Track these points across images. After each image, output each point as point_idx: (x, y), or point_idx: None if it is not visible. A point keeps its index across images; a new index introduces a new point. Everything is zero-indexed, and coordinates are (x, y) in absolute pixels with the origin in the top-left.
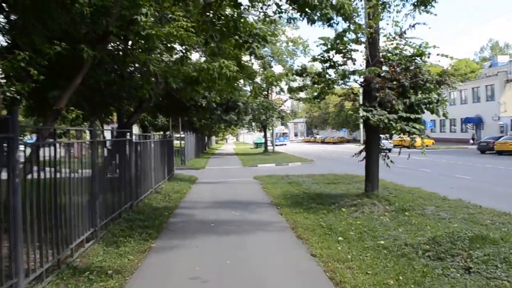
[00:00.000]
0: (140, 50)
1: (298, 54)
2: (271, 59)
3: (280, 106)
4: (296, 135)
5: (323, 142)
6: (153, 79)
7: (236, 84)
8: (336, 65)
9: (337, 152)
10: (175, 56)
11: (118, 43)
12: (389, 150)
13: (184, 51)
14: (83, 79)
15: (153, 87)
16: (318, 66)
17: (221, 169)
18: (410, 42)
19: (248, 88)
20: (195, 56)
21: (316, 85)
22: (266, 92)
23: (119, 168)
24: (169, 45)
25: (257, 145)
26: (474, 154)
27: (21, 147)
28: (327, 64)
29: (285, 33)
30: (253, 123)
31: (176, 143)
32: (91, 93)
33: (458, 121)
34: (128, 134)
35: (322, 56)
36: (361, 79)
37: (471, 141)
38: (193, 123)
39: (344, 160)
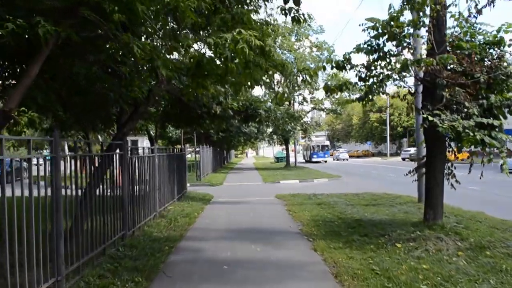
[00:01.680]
0: (121, 26)
1: (322, 60)
2: (294, 65)
3: (303, 118)
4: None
5: None
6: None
7: (259, 75)
8: (388, 55)
9: (365, 167)
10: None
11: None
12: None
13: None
14: (55, 72)
15: (152, 87)
16: (357, 61)
17: (239, 185)
18: (479, 29)
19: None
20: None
21: (362, 82)
22: (288, 102)
23: (106, 190)
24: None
25: (277, 159)
26: None
27: None
28: (375, 56)
29: (309, 37)
30: (275, 136)
31: (194, 157)
32: (69, 92)
33: None
34: (119, 147)
35: (369, 44)
36: (421, 73)
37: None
38: (210, 136)
39: (374, 175)
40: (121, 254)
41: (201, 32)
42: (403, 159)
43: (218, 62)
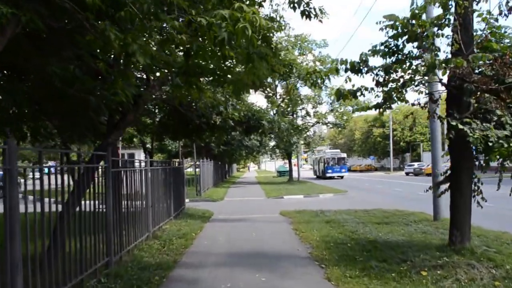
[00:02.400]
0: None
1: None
2: (297, 79)
3: (308, 130)
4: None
5: (349, 170)
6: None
7: (264, 72)
8: (408, 58)
9: (369, 181)
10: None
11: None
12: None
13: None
14: (25, 72)
15: (141, 92)
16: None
17: (241, 201)
18: (504, 31)
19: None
20: None
21: (380, 87)
22: (291, 116)
23: (84, 208)
24: None
25: (280, 173)
26: None
27: None
28: (393, 58)
29: (312, 51)
30: (277, 150)
31: (192, 171)
32: (43, 96)
33: None
34: (103, 159)
35: (386, 45)
36: (444, 78)
37: None
38: (211, 150)
39: (380, 190)
40: (103, 286)
41: (192, 11)
42: (407, 173)
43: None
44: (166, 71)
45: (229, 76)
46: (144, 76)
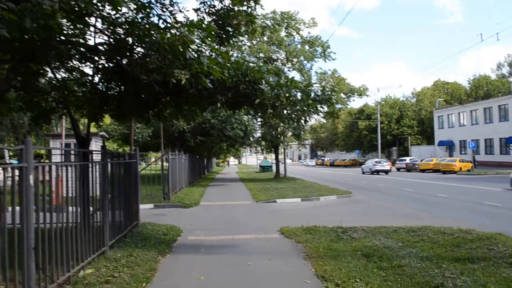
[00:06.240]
0: None
1: (317, 56)
2: (287, 63)
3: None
4: (300, 158)
5: (332, 165)
6: None
7: None
8: None
9: (366, 179)
10: None
11: None
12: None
13: None
14: None
15: None
16: None
17: (222, 206)
18: None
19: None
20: None
21: None
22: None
23: None
24: None
25: (263, 168)
26: None
27: None
28: None
29: (300, 32)
30: (263, 142)
31: (168, 165)
32: None
33: (497, 141)
34: None
35: None
36: None
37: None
38: (187, 141)
39: (384, 190)
40: None
41: None
42: (398, 169)
43: None
44: None
45: None
46: None
